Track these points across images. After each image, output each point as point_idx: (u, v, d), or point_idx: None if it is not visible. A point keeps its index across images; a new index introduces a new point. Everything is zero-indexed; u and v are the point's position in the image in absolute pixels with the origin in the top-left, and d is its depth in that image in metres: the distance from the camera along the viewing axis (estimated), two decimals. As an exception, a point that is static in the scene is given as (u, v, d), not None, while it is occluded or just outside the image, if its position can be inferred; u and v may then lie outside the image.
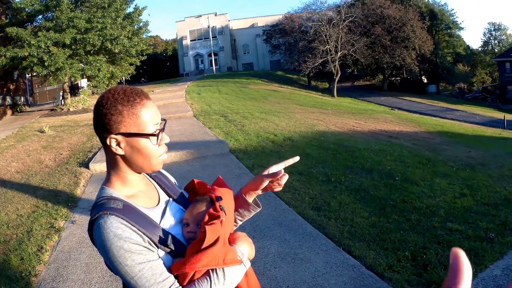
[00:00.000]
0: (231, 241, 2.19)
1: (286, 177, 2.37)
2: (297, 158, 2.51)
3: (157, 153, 2.11)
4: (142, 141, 2.04)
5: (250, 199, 2.47)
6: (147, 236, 1.95)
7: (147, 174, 2.39)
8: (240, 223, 2.55)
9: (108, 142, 2.02)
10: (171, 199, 2.36)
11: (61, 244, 7.37)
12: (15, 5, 25.79)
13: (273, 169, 2.41)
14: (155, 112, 2.10)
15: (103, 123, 2.01)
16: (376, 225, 7.18)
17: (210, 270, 1.97)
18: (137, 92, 2.08)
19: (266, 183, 2.38)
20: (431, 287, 5.14)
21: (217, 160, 12.07)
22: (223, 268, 1.98)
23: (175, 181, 2.60)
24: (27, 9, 25.58)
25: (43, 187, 10.81)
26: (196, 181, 2.46)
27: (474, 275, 5.34)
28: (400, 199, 8.47)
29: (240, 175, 10.34)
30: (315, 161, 11.62)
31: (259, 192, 2.45)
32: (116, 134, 2.01)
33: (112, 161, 2.14)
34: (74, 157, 13.69)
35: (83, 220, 8.36)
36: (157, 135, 2.07)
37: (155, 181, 2.42)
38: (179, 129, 16.60)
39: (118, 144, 2.04)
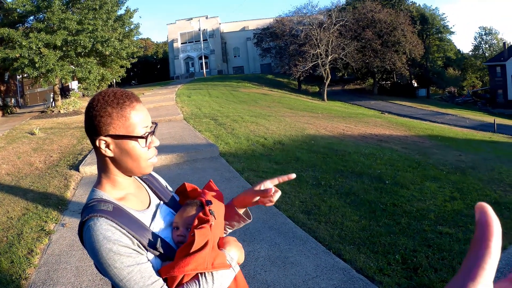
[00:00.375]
0: (221, 245, 2.18)
1: (279, 193, 2.34)
2: (293, 176, 2.46)
3: (146, 156, 2.10)
4: (131, 143, 2.04)
5: (241, 210, 2.46)
6: (136, 239, 1.95)
7: (138, 177, 2.39)
8: (229, 231, 2.53)
9: (97, 144, 2.03)
10: (161, 202, 2.35)
11: (52, 247, 7.34)
12: (7, 6, 25.73)
13: (267, 184, 2.39)
14: (145, 115, 2.11)
15: (93, 125, 2.03)
16: (366, 228, 7.18)
17: (199, 274, 1.97)
18: (128, 94, 2.09)
19: (257, 198, 2.35)
20: (421, 290, 5.14)
21: (207, 164, 12.05)
22: (212, 272, 1.99)
23: (167, 184, 2.60)
24: (18, 10, 25.50)
25: (33, 189, 10.79)
26: (187, 184, 2.45)
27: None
28: (390, 202, 8.47)
29: (230, 179, 10.33)
30: (305, 164, 11.63)
31: (250, 205, 2.43)
32: (105, 136, 2.02)
33: (102, 163, 2.14)
34: (65, 159, 13.67)
35: (74, 223, 8.33)
36: (145, 138, 2.07)
37: (146, 184, 2.42)
38: (169, 132, 16.58)
39: (107, 146, 2.05)
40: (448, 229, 7.02)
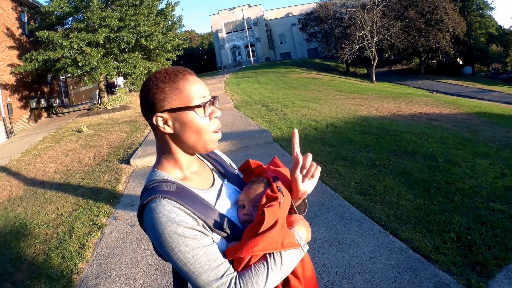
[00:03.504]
0: (288, 224, 2.07)
1: (310, 157, 2.15)
2: (295, 132, 2.21)
3: (208, 128, 2.03)
4: (190, 114, 1.97)
5: (298, 202, 2.32)
6: (201, 220, 1.88)
7: (200, 154, 2.36)
8: None
9: (155, 122, 1.97)
10: (225, 180, 2.29)
11: (104, 241, 7.43)
12: (43, 9, 26.06)
13: (296, 159, 2.19)
14: (201, 86, 2.04)
15: (148, 103, 1.98)
16: (421, 207, 7.13)
17: (267, 255, 1.88)
18: (179, 69, 2.02)
19: (299, 175, 2.17)
20: (476, 268, 5.09)
21: (260, 149, 12.12)
22: (280, 253, 1.90)
23: (230, 162, 2.57)
24: (56, 12, 25.81)
25: (83, 185, 10.93)
26: (251, 161, 2.40)
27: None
28: (443, 180, 8.40)
29: (285, 163, 10.06)
30: (358, 146, 11.61)
31: (299, 192, 2.21)
32: (161, 112, 1.96)
33: (162, 143, 2.08)
34: (114, 154, 13.85)
35: (126, 215, 8.44)
36: (203, 106, 1.99)
37: (208, 161, 2.39)
38: (221, 121, 16.38)
39: (165, 122, 1.98)
40: (500, 206, 6.93)
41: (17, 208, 9.99)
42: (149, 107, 1.97)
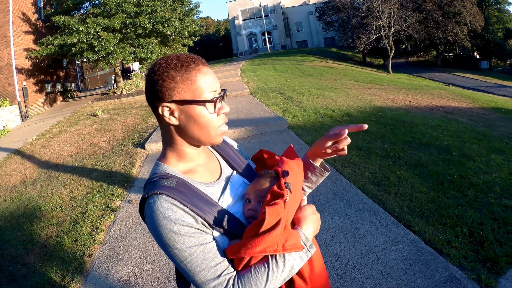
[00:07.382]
0: (296, 220, 2.00)
1: (348, 141, 2.11)
2: (365, 126, 2.11)
3: (215, 123, 1.94)
4: (198, 108, 1.88)
5: (317, 163, 2.30)
6: (200, 217, 1.83)
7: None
8: (308, 191, 2.37)
9: (160, 111, 1.89)
10: (234, 171, 2.22)
11: (117, 224, 7.48)
12: (60, -5, 26.17)
13: (336, 130, 2.14)
14: (213, 78, 1.93)
15: (155, 90, 1.88)
16: (434, 200, 7.11)
17: (269, 256, 1.81)
18: (193, 57, 1.92)
19: (329, 143, 2.14)
20: (487, 264, 5.08)
21: (275, 137, 12.06)
22: (284, 254, 1.82)
23: (242, 150, 2.50)
24: (72, -2, 25.94)
25: (97, 169, 10.99)
26: (264, 151, 2.34)
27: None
28: (457, 174, 8.35)
29: (299, 151, 10.22)
30: (374, 136, 11.56)
31: (323, 155, 2.23)
32: (169, 102, 1.87)
33: (167, 133, 2.01)
34: (129, 138, 13.87)
35: (140, 199, 8.44)
36: (214, 102, 1.90)
37: (217, 152, 2.31)
38: (236, 107, 16.57)
39: (171, 113, 1.90)
40: (513, 203, 6.88)
41: (31, 190, 10.06)
42: (156, 95, 1.89)
